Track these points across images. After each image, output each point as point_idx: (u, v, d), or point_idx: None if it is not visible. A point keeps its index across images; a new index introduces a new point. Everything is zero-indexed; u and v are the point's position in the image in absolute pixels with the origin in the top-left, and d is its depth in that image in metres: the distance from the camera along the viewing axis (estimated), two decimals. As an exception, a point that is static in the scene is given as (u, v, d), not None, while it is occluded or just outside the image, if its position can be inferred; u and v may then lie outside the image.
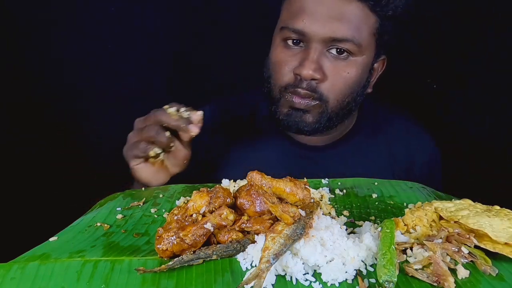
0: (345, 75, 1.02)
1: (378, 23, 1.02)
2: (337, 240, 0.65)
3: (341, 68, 1.01)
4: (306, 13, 0.98)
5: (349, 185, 0.94)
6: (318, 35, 0.98)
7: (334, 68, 1.01)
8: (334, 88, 1.03)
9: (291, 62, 1.03)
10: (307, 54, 1.00)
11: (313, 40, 0.99)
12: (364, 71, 1.05)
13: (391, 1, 1.00)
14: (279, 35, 1.05)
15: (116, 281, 0.61)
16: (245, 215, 0.69)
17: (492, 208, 0.74)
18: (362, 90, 1.08)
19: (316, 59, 1.00)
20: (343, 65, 1.01)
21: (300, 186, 0.72)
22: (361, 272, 0.63)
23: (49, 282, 0.61)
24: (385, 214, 0.82)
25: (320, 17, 0.97)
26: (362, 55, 1.02)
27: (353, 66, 1.02)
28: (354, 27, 0.98)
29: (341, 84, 1.03)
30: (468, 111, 1.56)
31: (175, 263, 0.63)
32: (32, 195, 1.57)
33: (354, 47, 1.00)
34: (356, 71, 1.03)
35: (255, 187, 0.71)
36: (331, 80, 1.02)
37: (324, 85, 1.02)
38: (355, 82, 1.04)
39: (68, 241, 0.73)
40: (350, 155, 1.18)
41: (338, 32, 0.98)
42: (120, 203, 0.87)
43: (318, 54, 1.00)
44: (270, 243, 0.62)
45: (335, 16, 0.97)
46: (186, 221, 0.68)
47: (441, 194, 0.94)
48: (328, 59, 1.01)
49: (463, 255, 0.64)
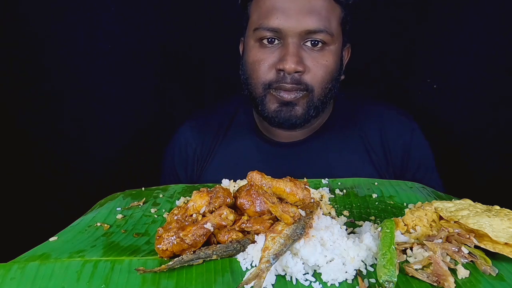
0: (324, 63, 1.08)
1: (342, 13, 1.10)
2: (337, 240, 0.65)
3: (319, 58, 1.07)
4: (279, 10, 1.03)
5: (349, 185, 0.94)
6: (294, 30, 1.03)
7: (313, 59, 1.06)
8: (317, 77, 1.08)
9: (270, 59, 1.07)
10: (286, 49, 1.04)
11: (289, 36, 1.04)
12: (338, 58, 1.12)
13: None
14: (252, 37, 1.09)
15: (116, 281, 0.61)
16: (245, 215, 0.69)
17: (492, 208, 0.74)
18: (338, 77, 1.15)
19: (296, 52, 1.04)
20: (320, 55, 1.07)
21: (300, 186, 0.72)
22: (361, 272, 0.63)
23: (49, 282, 0.61)
24: (385, 214, 0.82)
25: (293, 13, 1.03)
26: (334, 44, 1.08)
27: (329, 54, 1.08)
28: (325, 18, 1.05)
29: (322, 72, 1.08)
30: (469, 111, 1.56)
31: (175, 263, 0.63)
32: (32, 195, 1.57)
33: (327, 37, 1.05)
34: (333, 59, 1.09)
35: (255, 187, 0.71)
36: (313, 70, 1.07)
37: (307, 76, 1.07)
38: (334, 69, 1.10)
39: (68, 241, 0.73)
40: (329, 147, 1.19)
41: (312, 25, 1.03)
42: (120, 203, 0.87)
43: (296, 47, 1.04)
44: (270, 243, 0.62)
45: (306, 10, 1.03)
46: (186, 221, 0.68)
47: (441, 194, 0.94)
48: (305, 52, 1.06)
49: (463, 255, 0.64)
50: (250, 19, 1.11)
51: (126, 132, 1.66)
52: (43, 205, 1.57)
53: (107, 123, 1.63)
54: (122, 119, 1.64)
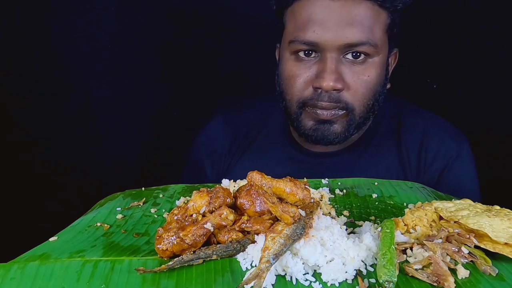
0: (366, 78, 0.98)
1: (389, 19, 0.98)
2: (337, 240, 0.65)
3: (361, 73, 0.98)
4: (316, 22, 0.94)
5: (349, 185, 0.94)
6: (333, 44, 0.94)
7: (353, 74, 0.98)
8: (358, 94, 0.99)
9: (306, 75, 0.99)
10: (324, 65, 0.96)
11: (327, 50, 0.95)
12: (383, 70, 1.02)
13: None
14: (288, 49, 1.01)
15: (116, 281, 0.61)
16: (245, 215, 0.69)
17: (492, 208, 0.74)
18: (383, 88, 1.05)
19: (334, 68, 0.96)
20: (362, 68, 0.98)
21: (300, 186, 0.72)
22: (361, 272, 0.63)
23: (49, 282, 0.61)
24: (385, 214, 0.82)
25: (332, 25, 0.93)
26: (379, 55, 0.99)
27: (372, 67, 0.98)
28: (367, 29, 0.94)
29: (363, 89, 0.99)
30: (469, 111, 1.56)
31: (175, 263, 0.63)
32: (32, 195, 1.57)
33: (370, 49, 0.96)
34: (376, 72, 0.99)
35: (255, 187, 0.71)
36: (353, 87, 0.98)
37: (347, 94, 0.99)
38: (377, 83, 1.01)
39: (68, 241, 0.73)
40: (362, 161, 1.12)
41: (352, 37, 0.94)
42: (120, 203, 0.87)
43: (335, 62, 0.96)
44: (270, 243, 0.62)
45: (346, 21, 0.93)
46: (186, 221, 0.68)
47: (441, 194, 0.94)
48: (346, 66, 0.97)
49: (463, 255, 0.64)
50: (286, 30, 1.02)
51: (126, 132, 1.66)
52: (43, 205, 1.57)
53: (107, 123, 1.63)
54: (122, 119, 1.65)
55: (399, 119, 1.15)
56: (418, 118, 1.15)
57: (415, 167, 1.10)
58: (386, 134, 1.14)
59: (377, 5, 0.95)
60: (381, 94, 1.04)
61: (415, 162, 1.10)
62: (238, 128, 1.19)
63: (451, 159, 1.10)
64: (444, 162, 1.09)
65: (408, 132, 1.13)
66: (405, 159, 1.11)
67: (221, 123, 1.22)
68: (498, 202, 0.77)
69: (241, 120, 1.21)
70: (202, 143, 1.22)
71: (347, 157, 1.12)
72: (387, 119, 1.16)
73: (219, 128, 1.21)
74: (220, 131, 1.20)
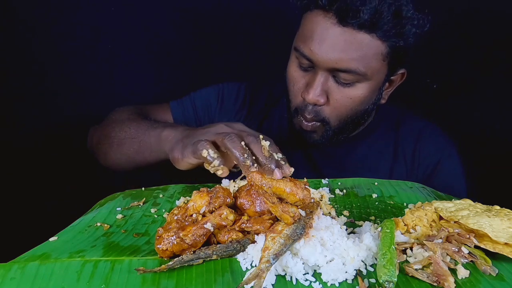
0: (348, 100, 1.03)
1: (388, 49, 0.99)
2: (337, 240, 0.65)
3: (345, 93, 1.02)
4: (314, 40, 0.98)
5: (349, 185, 0.94)
6: (323, 64, 0.99)
7: (338, 93, 1.02)
8: (336, 112, 1.05)
9: (301, 83, 1.05)
10: (313, 79, 1.02)
11: (319, 67, 1.00)
12: (373, 92, 1.05)
13: (402, 33, 0.97)
14: (294, 53, 1.06)
15: (116, 281, 0.61)
16: (245, 215, 0.69)
17: (492, 208, 0.74)
18: (372, 106, 1.10)
19: (321, 85, 1.01)
20: (347, 90, 1.02)
21: (300, 186, 0.72)
22: (361, 272, 0.63)
23: (49, 282, 0.61)
24: (385, 214, 0.82)
25: (326, 46, 0.97)
26: (368, 80, 1.01)
27: (358, 90, 1.02)
28: (359, 57, 0.97)
29: (343, 108, 1.04)
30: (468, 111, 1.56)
31: (175, 263, 0.63)
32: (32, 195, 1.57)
33: (358, 77, 0.99)
34: (362, 95, 1.03)
35: (255, 187, 0.71)
36: (333, 104, 1.04)
37: (327, 108, 1.04)
38: (359, 103, 1.05)
39: (68, 241, 0.73)
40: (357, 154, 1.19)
41: (341, 64, 0.97)
42: (120, 203, 0.87)
43: (323, 80, 1.01)
44: (270, 243, 0.62)
45: (340, 46, 0.96)
46: (186, 221, 0.68)
47: (441, 194, 0.94)
48: (333, 84, 1.02)
49: (463, 255, 0.64)
50: (299, 31, 1.06)
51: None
52: (43, 205, 1.57)
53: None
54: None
55: (398, 120, 1.23)
56: (413, 121, 1.23)
57: (410, 162, 1.18)
58: (385, 133, 1.21)
59: (376, 37, 0.96)
60: (365, 112, 1.10)
61: (410, 157, 1.18)
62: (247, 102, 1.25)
63: (442, 157, 1.18)
64: (436, 159, 1.17)
65: (404, 132, 1.20)
66: (400, 154, 1.19)
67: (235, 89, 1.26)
68: (498, 202, 0.77)
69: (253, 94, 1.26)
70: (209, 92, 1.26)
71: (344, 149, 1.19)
72: (387, 120, 1.22)
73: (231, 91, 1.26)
74: (231, 94, 1.25)
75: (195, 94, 1.27)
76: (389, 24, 0.94)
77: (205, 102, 1.25)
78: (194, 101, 1.25)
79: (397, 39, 0.97)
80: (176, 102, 1.26)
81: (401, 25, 0.96)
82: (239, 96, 1.26)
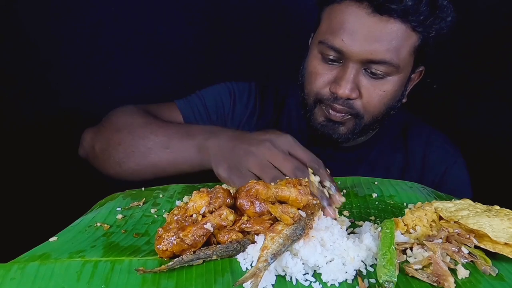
0: (381, 93, 1.02)
1: (419, 41, 0.99)
2: (337, 240, 0.65)
3: (377, 87, 1.01)
4: (346, 31, 0.96)
5: (349, 184, 0.94)
6: (357, 56, 0.97)
7: (370, 86, 1.01)
8: (369, 106, 1.03)
9: (327, 76, 1.03)
10: (344, 73, 0.99)
11: (350, 59, 0.98)
12: (401, 87, 1.05)
13: (435, 23, 0.97)
14: (317, 47, 1.03)
15: (116, 281, 0.61)
16: (245, 216, 0.69)
17: (492, 208, 0.74)
18: (397, 103, 1.09)
19: (352, 78, 0.99)
20: (379, 83, 1.01)
21: (305, 192, 0.70)
22: (361, 272, 0.63)
23: (49, 282, 0.61)
24: (385, 214, 0.82)
25: (359, 37, 0.95)
26: (399, 74, 1.01)
27: (390, 84, 1.01)
28: (393, 48, 0.96)
29: (376, 102, 1.03)
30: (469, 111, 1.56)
31: (175, 264, 0.63)
32: (32, 195, 1.57)
33: (391, 69, 0.98)
34: (393, 88, 1.02)
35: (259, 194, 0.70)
36: (366, 98, 1.02)
37: (360, 103, 1.03)
38: (391, 98, 1.04)
39: (68, 241, 0.73)
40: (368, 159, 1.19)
41: (376, 55, 0.96)
42: (120, 203, 0.87)
43: (355, 73, 0.99)
44: (269, 242, 0.62)
45: (374, 37, 0.95)
46: (186, 222, 0.68)
47: (441, 194, 0.94)
48: (364, 78, 1.00)
49: (463, 255, 0.64)
50: (320, 27, 1.05)
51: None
52: (43, 205, 1.57)
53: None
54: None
55: (406, 126, 1.23)
56: (421, 128, 1.23)
57: (420, 169, 1.18)
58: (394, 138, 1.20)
59: (410, 27, 0.96)
60: (393, 108, 1.08)
61: (419, 164, 1.18)
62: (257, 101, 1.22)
63: (449, 165, 1.18)
64: (443, 167, 1.17)
65: (413, 139, 1.21)
66: (410, 161, 1.18)
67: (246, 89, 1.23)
68: (498, 202, 0.77)
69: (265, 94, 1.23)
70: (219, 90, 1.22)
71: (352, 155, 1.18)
72: (393, 126, 1.22)
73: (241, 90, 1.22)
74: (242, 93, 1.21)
75: (205, 93, 1.22)
76: (425, 13, 0.93)
77: (217, 101, 1.21)
78: (205, 100, 1.21)
79: (430, 29, 0.96)
80: (183, 101, 1.21)
81: (436, 15, 0.95)
82: (251, 96, 1.23)
